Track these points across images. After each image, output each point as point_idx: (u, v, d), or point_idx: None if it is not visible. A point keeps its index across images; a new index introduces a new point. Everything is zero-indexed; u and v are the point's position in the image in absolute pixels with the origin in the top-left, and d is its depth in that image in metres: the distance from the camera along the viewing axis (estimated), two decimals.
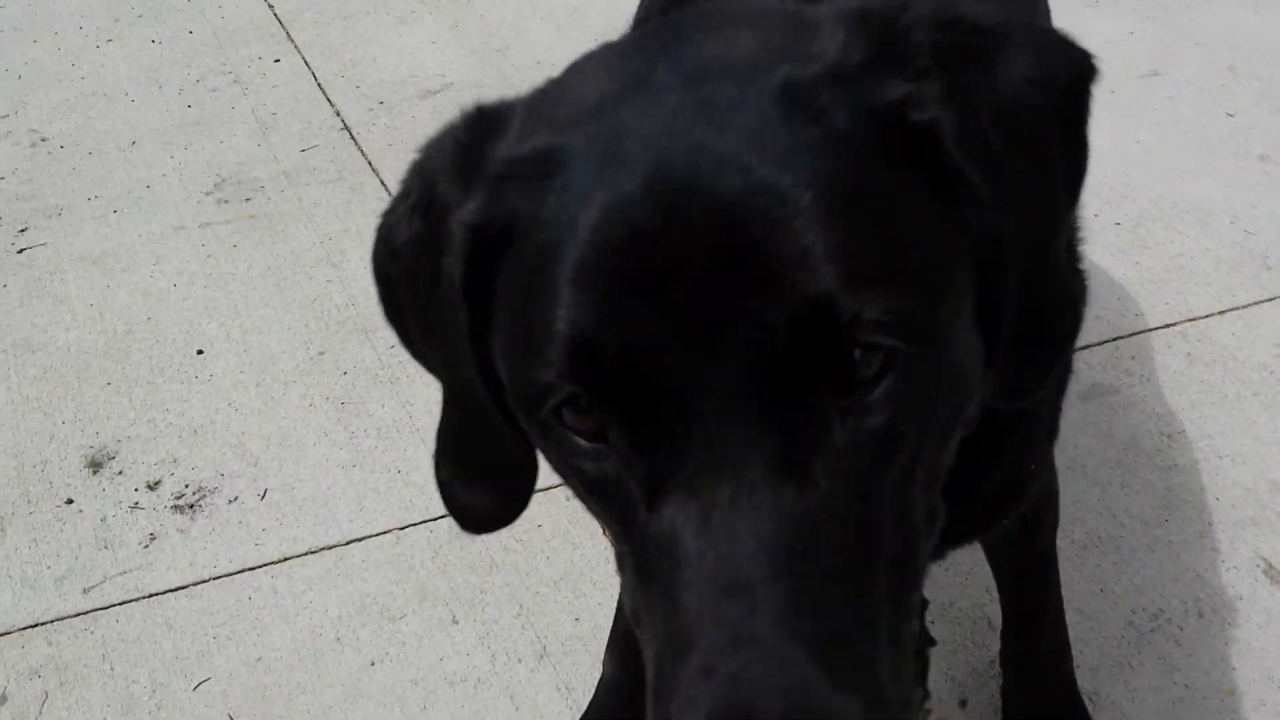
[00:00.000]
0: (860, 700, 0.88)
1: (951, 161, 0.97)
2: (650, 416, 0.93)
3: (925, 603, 2.13)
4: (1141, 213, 3.12)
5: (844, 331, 0.90)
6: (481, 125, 1.11)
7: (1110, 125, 3.48)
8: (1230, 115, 3.46)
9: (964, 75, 1.01)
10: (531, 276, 0.98)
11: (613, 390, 0.94)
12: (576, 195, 0.96)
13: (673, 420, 0.92)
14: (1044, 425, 1.46)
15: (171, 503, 2.56)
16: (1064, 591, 2.21)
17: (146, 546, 2.47)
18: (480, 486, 1.25)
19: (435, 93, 3.79)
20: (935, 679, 2.11)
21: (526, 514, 1.32)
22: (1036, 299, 1.06)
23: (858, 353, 0.92)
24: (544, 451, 1.08)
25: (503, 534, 2.40)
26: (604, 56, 1.12)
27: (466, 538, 2.38)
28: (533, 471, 1.23)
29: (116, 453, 2.69)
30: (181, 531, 2.49)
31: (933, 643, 1.99)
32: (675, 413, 0.92)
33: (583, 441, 0.98)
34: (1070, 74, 1.07)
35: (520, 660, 2.19)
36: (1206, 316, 2.80)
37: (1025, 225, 1.03)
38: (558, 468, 1.07)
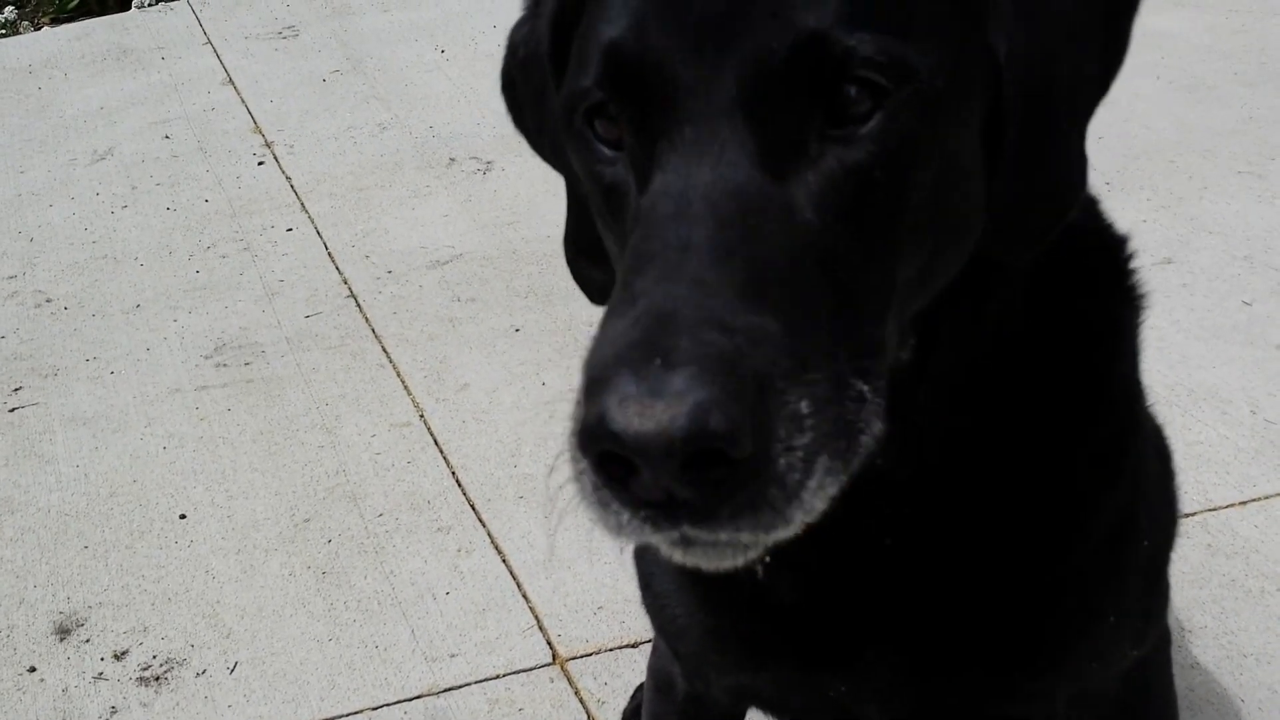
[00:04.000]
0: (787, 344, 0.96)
1: None
2: (657, 116, 1.07)
3: None
4: (1156, 399, 3.02)
5: (837, 64, 1.03)
6: None
7: None
8: (1247, 304, 3.40)
9: None
10: (590, 15, 1.16)
11: (632, 93, 1.08)
12: None
13: (675, 118, 1.05)
14: (1140, 561, 1.43)
15: (137, 674, 2.44)
16: None
17: None
18: (594, 264, 1.39)
19: (444, 263, 3.77)
20: None
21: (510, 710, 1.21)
22: (1042, 160, 1.15)
23: (851, 90, 1.04)
24: (579, 165, 1.20)
25: (479, 717, 2.27)
26: None
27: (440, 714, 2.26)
28: None
29: (86, 619, 2.58)
30: (144, 705, 2.36)
31: None
32: (678, 112, 1.05)
33: (606, 150, 1.14)
34: None
35: None
36: (1227, 507, 2.68)
37: (1041, 69, 1.12)
38: (588, 182, 1.19)
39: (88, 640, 2.52)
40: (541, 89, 1.31)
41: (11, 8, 6.36)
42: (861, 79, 1.03)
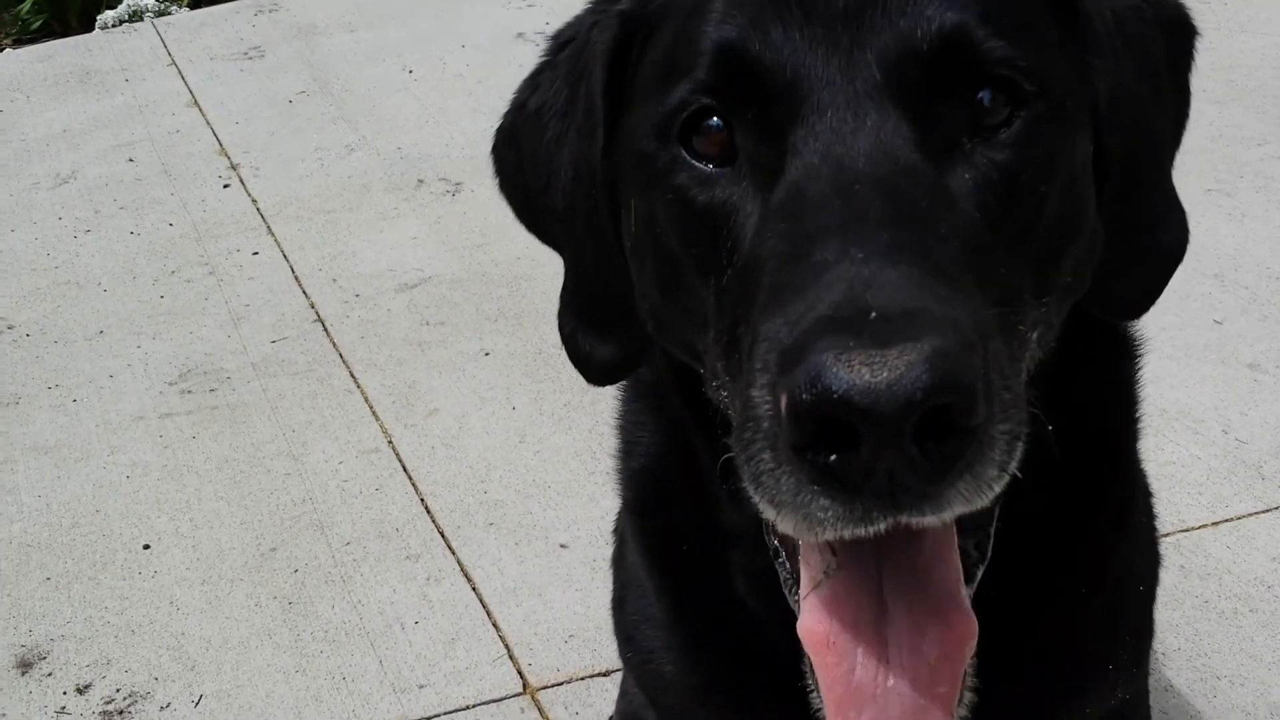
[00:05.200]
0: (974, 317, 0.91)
1: (1083, 15, 1.13)
2: (785, 109, 1.03)
3: None
4: None
5: (980, 61, 1.03)
6: None
7: None
8: (1218, 323, 3.40)
9: None
10: (681, 23, 1.11)
11: (752, 90, 1.05)
12: None
13: (813, 106, 1.02)
14: (1136, 608, 1.48)
15: (100, 708, 2.39)
16: None
17: None
18: (602, 337, 1.34)
19: (412, 287, 3.74)
20: None
21: None
22: (1144, 205, 1.17)
23: (988, 95, 1.04)
24: (658, 199, 1.12)
25: None
26: None
27: None
28: (644, 328, 1.29)
29: (48, 652, 2.53)
30: None
31: None
32: (815, 100, 1.02)
33: (705, 167, 1.08)
34: (1173, 17, 1.24)
35: None
36: (1200, 527, 2.68)
37: (1133, 116, 1.15)
38: (672, 211, 1.11)
39: (50, 674, 2.47)
40: (558, 137, 1.26)
41: None
42: (1002, 79, 1.04)
